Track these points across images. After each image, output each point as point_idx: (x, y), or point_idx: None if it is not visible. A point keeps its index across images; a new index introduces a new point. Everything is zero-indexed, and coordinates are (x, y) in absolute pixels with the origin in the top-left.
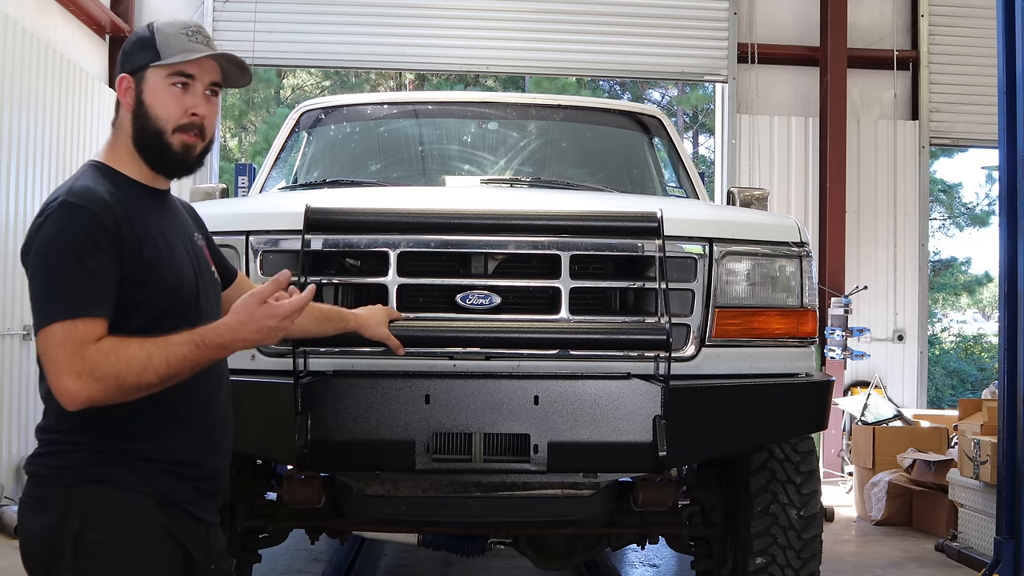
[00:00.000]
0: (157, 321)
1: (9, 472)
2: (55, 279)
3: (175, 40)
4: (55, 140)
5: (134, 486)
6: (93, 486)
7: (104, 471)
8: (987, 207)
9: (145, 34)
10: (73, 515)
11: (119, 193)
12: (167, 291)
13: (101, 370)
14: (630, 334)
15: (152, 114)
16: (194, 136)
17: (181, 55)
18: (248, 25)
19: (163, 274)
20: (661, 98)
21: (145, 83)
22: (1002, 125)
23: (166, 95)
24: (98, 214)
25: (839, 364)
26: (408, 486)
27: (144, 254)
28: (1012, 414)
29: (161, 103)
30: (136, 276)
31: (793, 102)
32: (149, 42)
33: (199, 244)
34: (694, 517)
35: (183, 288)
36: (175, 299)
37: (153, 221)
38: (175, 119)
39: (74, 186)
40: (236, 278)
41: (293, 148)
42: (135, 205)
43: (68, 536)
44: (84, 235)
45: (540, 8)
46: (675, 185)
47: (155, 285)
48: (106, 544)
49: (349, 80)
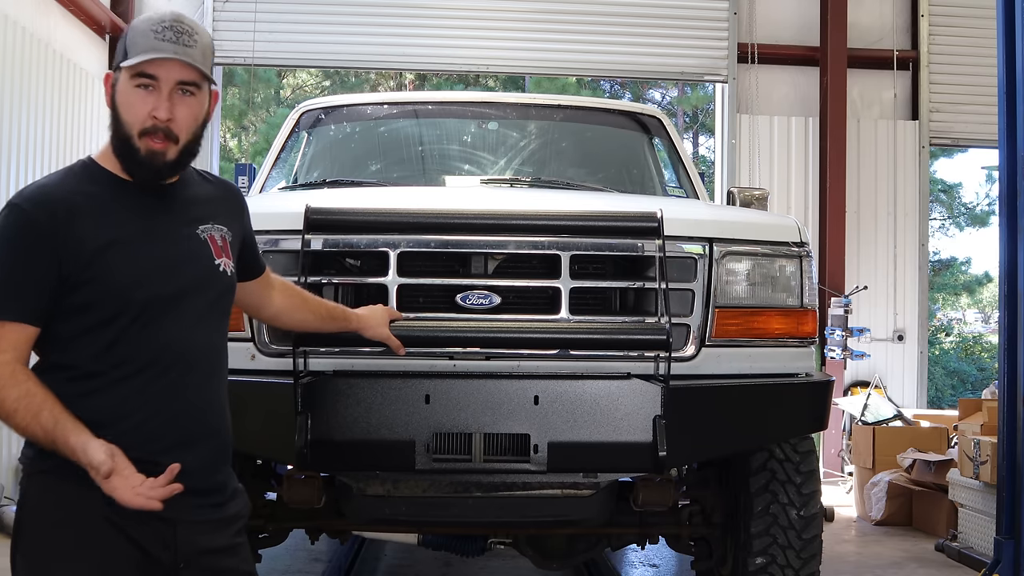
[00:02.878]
0: (104, 324)
1: (9, 472)
2: None
3: (142, 38)
4: (55, 140)
5: (76, 478)
6: (39, 476)
7: (51, 462)
8: (987, 207)
9: (125, 29)
10: (24, 503)
11: (86, 191)
12: (116, 291)
13: None
14: (630, 334)
15: (121, 118)
16: (160, 141)
17: (140, 56)
18: (248, 25)
19: (113, 274)
20: (661, 98)
21: (118, 84)
22: (1002, 125)
23: (132, 97)
24: (31, 215)
25: (839, 364)
26: (408, 486)
27: (87, 252)
28: (1012, 414)
29: (127, 105)
30: (79, 276)
31: (793, 102)
32: (124, 40)
33: (204, 236)
34: (694, 517)
35: (138, 288)
36: (129, 299)
37: (122, 219)
38: (139, 122)
39: (33, 185)
40: (263, 274)
41: (293, 148)
42: (109, 203)
43: (20, 522)
44: (14, 236)
45: (540, 8)
46: (675, 185)
47: (101, 285)
48: (42, 532)
49: (349, 80)
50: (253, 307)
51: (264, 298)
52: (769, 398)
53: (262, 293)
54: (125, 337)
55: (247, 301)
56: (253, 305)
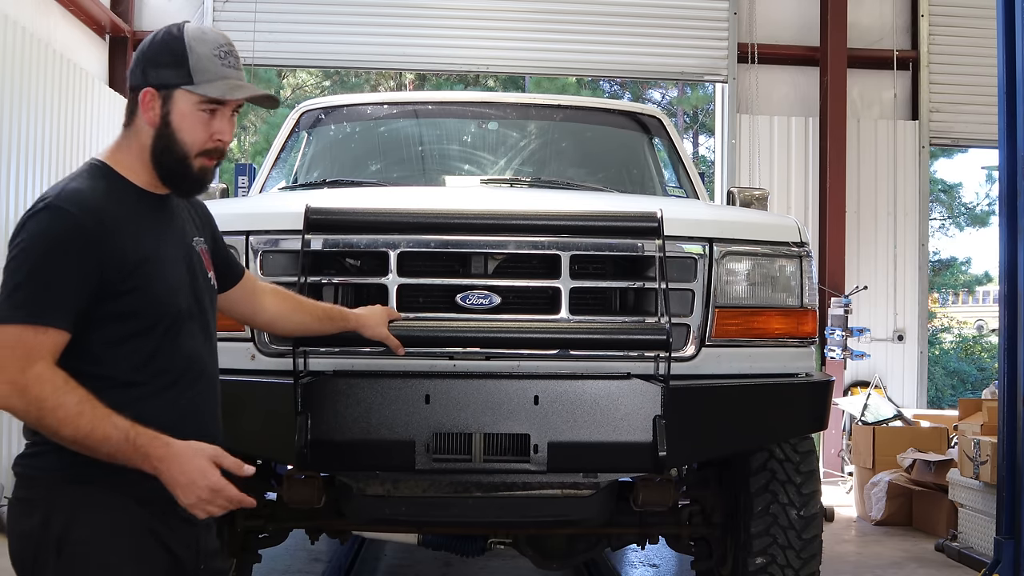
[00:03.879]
0: (143, 334)
1: (9, 472)
2: (20, 279)
3: (209, 64)
4: (55, 140)
5: (115, 486)
6: (75, 487)
7: (85, 472)
8: (987, 207)
9: (176, 46)
10: (56, 517)
11: (115, 197)
12: (155, 302)
13: (32, 393)
14: (630, 334)
15: (179, 138)
16: (214, 160)
17: (217, 85)
18: (248, 25)
19: (153, 285)
20: (661, 98)
21: (173, 103)
22: (1002, 125)
23: (194, 120)
24: (80, 221)
25: (839, 364)
26: (408, 486)
27: (130, 263)
28: (1012, 414)
29: (189, 128)
30: (121, 285)
31: (793, 102)
32: (181, 59)
33: (197, 249)
34: (694, 517)
35: (174, 300)
36: (164, 311)
37: (148, 228)
38: (200, 144)
39: (66, 187)
40: (243, 277)
41: (293, 148)
42: (131, 211)
43: (51, 538)
44: (61, 241)
45: (540, 8)
46: (675, 185)
47: (142, 295)
48: (88, 545)
49: (349, 80)
50: (247, 315)
51: (254, 304)
52: (769, 398)
53: (251, 300)
54: (161, 349)
55: (238, 310)
56: (246, 313)
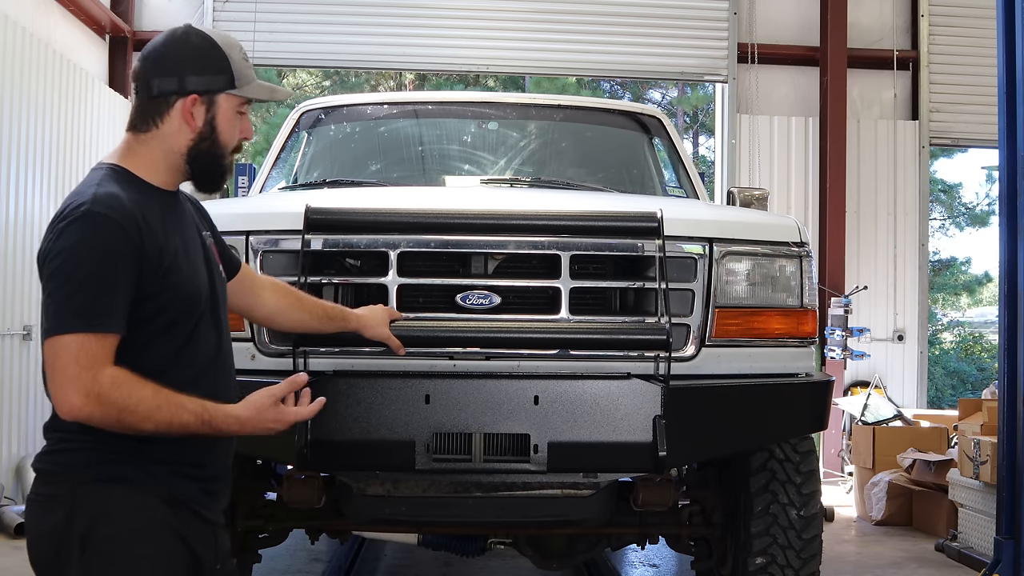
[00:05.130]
0: (166, 330)
1: (9, 472)
2: (73, 288)
3: (245, 68)
4: (55, 140)
5: (143, 486)
6: (102, 485)
7: (113, 470)
8: (987, 207)
9: (214, 53)
10: (81, 514)
11: (141, 200)
12: (183, 301)
13: (110, 398)
14: (630, 334)
15: (221, 140)
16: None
17: (254, 87)
18: (248, 25)
19: (182, 283)
20: (661, 98)
21: (218, 108)
22: (1002, 125)
23: (233, 121)
24: (123, 225)
25: (839, 364)
26: (408, 486)
27: (163, 265)
28: (1012, 414)
29: (230, 128)
30: (152, 288)
31: (793, 102)
32: (224, 65)
33: (208, 243)
34: (694, 517)
35: (199, 296)
36: (190, 308)
37: (172, 227)
38: (234, 142)
39: (99, 193)
40: (240, 270)
41: (293, 148)
42: (156, 212)
43: (75, 535)
44: (108, 246)
45: (540, 8)
46: (675, 185)
47: (171, 295)
48: (114, 544)
49: (349, 80)
50: (245, 308)
51: (254, 298)
52: (769, 398)
53: (249, 293)
54: (189, 341)
55: (236, 303)
56: (244, 307)
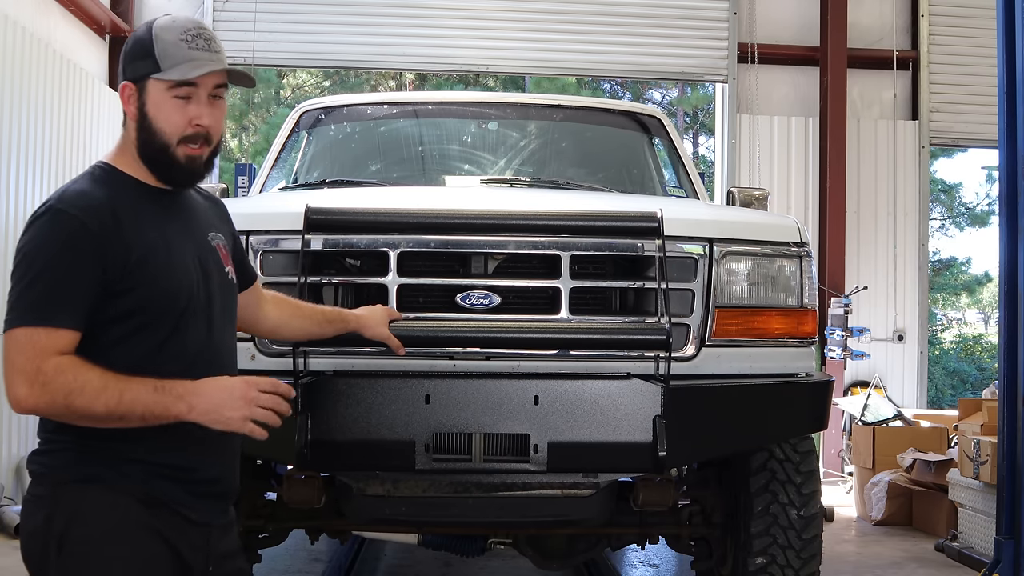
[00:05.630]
0: (146, 327)
1: (9, 472)
2: (27, 283)
3: (174, 49)
4: (55, 140)
5: (116, 485)
6: (78, 485)
7: (88, 470)
8: (987, 207)
9: (145, 38)
10: (59, 514)
11: (119, 196)
12: (159, 297)
13: (54, 384)
14: (630, 334)
15: (156, 127)
16: (200, 146)
17: (181, 67)
18: (248, 25)
19: (157, 279)
20: (661, 98)
21: (147, 94)
22: (1002, 125)
23: (169, 107)
24: (84, 221)
25: (839, 364)
26: (408, 486)
27: (133, 259)
28: (1012, 414)
29: (165, 116)
30: (123, 283)
31: (793, 102)
32: (149, 49)
33: (214, 243)
34: (694, 517)
35: (178, 294)
36: (169, 305)
37: (154, 224)
38: (179, 131)
39: (67, 190)
40: (253, 283)
41: (293, 148)
42: (136, 208)
43: (54, 535)
44: (67, 242)
45: (540, 8)
46: (675, 185)
47: (145, 291)
48: (87, 545)
49: (349, 80)
50: (250, 321)
51: (259, 311)
52: (769, 398)
53: (257, 306)
54: (168, 342)
55: (243, 315)
56: (250, 319)
